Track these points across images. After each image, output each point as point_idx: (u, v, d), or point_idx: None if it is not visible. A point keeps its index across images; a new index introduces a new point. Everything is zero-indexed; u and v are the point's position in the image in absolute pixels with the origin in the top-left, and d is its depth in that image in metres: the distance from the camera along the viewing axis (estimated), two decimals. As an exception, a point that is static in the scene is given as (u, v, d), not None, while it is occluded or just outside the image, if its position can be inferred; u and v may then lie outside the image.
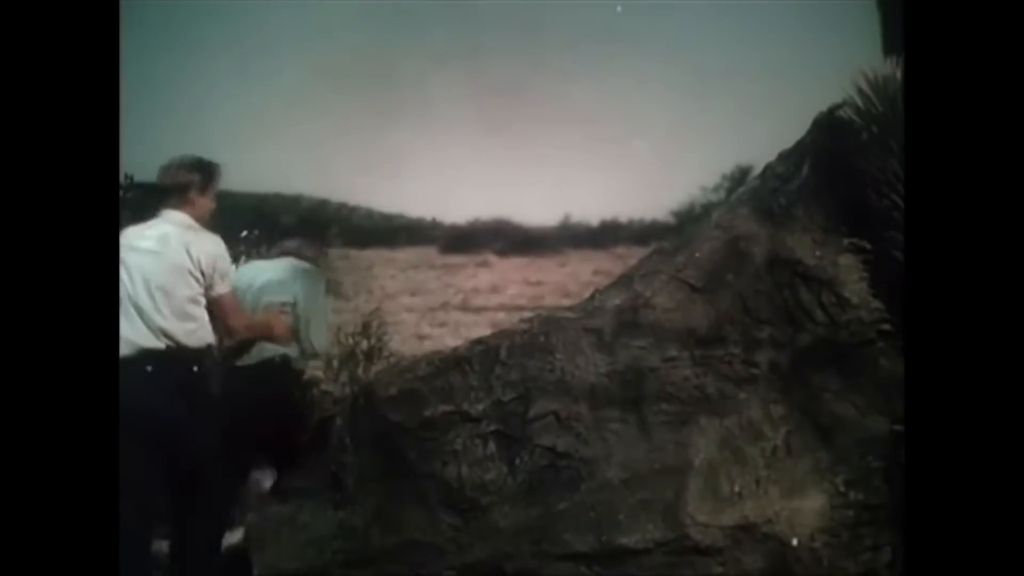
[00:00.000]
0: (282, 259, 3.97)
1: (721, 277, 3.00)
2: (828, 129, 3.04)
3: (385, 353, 7.31)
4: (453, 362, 3.05)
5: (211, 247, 3.37)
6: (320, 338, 3.77)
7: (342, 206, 13.03)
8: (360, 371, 6.48)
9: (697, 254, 3.04)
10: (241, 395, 3.50)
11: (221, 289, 3.35)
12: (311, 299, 3.74)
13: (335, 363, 6.89)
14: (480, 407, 2.96)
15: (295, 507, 3.16)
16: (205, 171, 3.51)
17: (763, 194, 3.11)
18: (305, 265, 3.89)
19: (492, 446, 2.92)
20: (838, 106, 3.03)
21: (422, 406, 2.99)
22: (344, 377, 6.54)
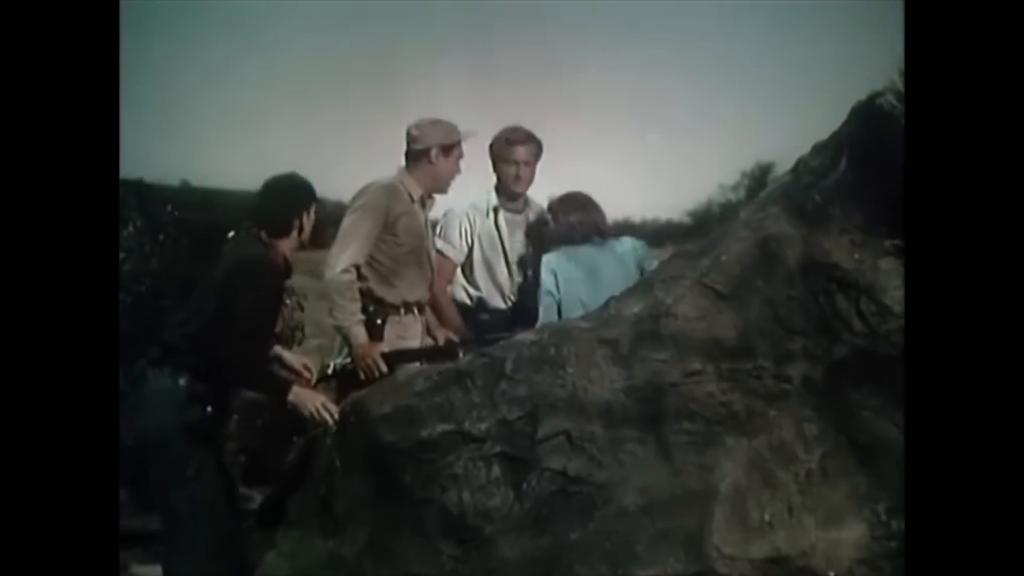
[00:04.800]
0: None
1: (750, 283, 2.96)
2: (868, 119, 2.97)
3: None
4: (453, 376, 3.01)
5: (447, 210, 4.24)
6: None
7: (339, 205, 13.00)
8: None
9: (723, 257, 3.00)
10: None
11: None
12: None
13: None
14: (483, 426, 2.93)
15: (280, 535, 3.13)
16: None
17: (796, 191, 3.05)
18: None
19: (496, 469, 2.90)
20: (878, 94, 2.96)
21: (419, 425, 2.96)
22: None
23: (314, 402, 3.23)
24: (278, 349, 3.62)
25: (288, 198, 3.34)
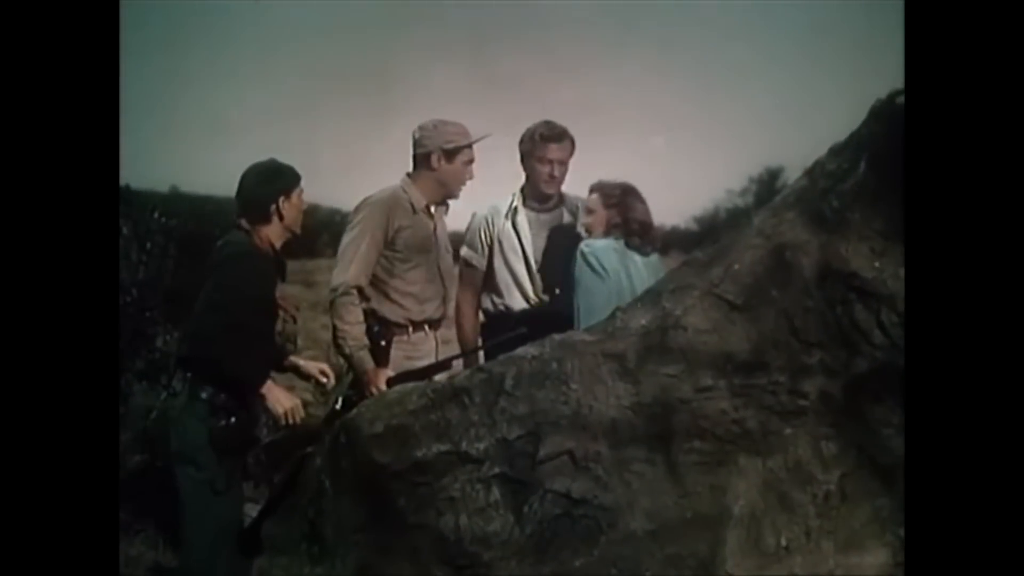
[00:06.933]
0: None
1: (764, 293, 2.91)
2: (888, 119, 2.89)
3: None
4: (450, 393, 2.95)
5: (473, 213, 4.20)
6: None
7: (334, 212, 13.07)
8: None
9: (736, 266, 2.95)
10: None
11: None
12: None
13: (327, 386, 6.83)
14: (481, 446, 2.88)
15: (267, 560, 3.09)
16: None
17: (812, 195, 2.99)
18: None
19: (496, 492, 2.85)
20: (899, 92, 2.86)
21: (413, 445, 2.90)
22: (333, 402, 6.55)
23: (285, 404, 3.20)
24: (293, 358, 3.60)
25: (262, 182, 3.29)
